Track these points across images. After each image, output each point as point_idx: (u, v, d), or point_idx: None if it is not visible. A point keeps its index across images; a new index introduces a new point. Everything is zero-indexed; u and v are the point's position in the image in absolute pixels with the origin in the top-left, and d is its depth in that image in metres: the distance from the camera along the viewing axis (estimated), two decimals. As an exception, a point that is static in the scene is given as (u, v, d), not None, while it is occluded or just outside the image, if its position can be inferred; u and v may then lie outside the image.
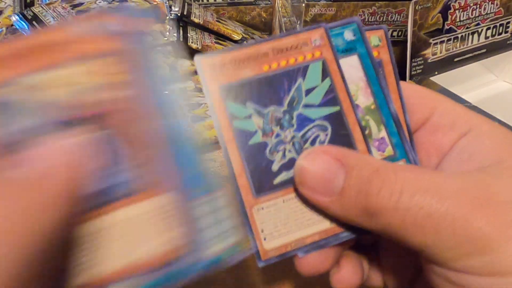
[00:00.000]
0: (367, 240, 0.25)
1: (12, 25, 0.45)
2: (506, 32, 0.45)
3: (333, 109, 0.18)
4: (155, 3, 0.49)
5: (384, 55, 0.19)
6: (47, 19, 0.43)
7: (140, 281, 0.16)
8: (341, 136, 0.18)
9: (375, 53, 0.19)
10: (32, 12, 0.45)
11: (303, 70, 0.18)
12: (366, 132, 0.19)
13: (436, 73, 0.42)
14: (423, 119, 0.22)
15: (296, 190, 0.19)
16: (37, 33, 0.18)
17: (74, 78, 0.16)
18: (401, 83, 0.21)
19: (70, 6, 0.45)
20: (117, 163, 0.16)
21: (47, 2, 0.47)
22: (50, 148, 0.15)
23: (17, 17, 0.45)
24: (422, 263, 0.19)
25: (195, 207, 0.16)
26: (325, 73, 0.18)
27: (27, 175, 0.14)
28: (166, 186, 0.16)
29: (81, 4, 0.46)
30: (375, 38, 0.19)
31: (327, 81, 0.18)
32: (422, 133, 0.22)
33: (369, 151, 0.19)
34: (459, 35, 0.42)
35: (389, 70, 0.19)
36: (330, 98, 0.18)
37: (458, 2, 0.41)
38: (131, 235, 0.16)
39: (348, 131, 0.18)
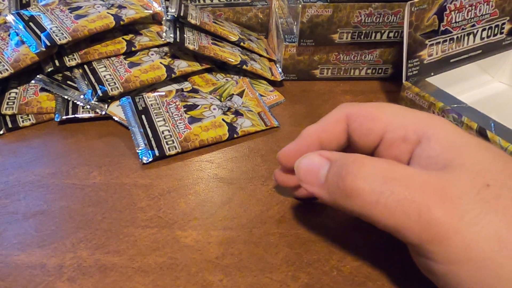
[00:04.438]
0: None
1: (5, 22, 0.45)
2: (501, 33, 0.46)
3: None
4: (152, 8, 0.49)
5: None
6: (43, 21, 0.43)
7: None
8: None
9: None
10: (29, 13, 0.45)
11: None
12: None
13: (432, 74, 0.42)
14: (378, 139, 0.26)
15: None
16: None
17: None
18: (356, 107, 0.27)
19: (68, 9, 0.45)
20: None
21: (44, 4, 0.47)
22: None
23: (13, 17, 0.45)
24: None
25: None
26: None
27: None
28: None
29: (80, 8, 0.46)
30: None
31: None
32: (380, 150, 0.26)
33: None
34: (455, 36, 0.42)
35: None
36: None
37: (454, 4, 0.41)
38: None
39: None
